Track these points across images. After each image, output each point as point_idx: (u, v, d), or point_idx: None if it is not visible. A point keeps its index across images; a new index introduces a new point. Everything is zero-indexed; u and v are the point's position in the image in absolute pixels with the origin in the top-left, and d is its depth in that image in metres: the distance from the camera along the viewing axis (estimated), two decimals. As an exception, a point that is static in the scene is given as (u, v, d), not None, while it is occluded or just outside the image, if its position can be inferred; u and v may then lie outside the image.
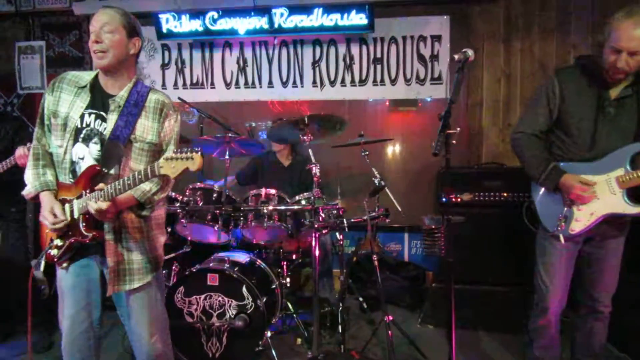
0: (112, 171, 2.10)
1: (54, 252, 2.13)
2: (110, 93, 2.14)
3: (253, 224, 3.15)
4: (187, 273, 3.05)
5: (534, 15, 4.24)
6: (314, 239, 2.99)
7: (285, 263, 3.62)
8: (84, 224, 2.08)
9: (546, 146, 2.52)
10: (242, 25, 4.21)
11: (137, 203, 2.15)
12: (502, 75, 4.32)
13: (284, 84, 4.51)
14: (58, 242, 2.13)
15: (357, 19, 4.07)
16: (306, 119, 3.07)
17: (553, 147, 2.50)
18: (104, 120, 2.11)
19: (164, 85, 4.65)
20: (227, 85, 4.56)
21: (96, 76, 2.17)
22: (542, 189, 2.48)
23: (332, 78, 4.45)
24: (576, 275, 2.54)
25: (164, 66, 4.64)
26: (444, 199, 3.79)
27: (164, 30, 4.32)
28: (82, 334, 2.18)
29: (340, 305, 3.50)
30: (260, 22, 4.17)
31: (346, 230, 3.10)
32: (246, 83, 4.55)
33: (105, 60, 2.07)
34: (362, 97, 4.44)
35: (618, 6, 3.82)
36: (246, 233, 3.29)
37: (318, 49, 4.45)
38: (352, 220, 3.15)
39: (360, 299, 3.94)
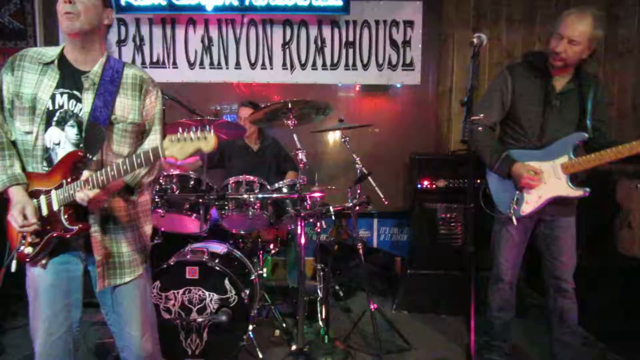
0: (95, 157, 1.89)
1: (27, 250, 1.90)
2: (81, 69, 1.91)
3: (234, 213, 2.99)
4: (164, 266, 2.85)
5: (502, 6, 4.32)
6: (299, 227, 2.90)
7: (260, 253, 3.50)
8: (66, 217, 1.85)
9: (500, 135, 2.77)
10: (210, 0, 3.95)
11: (125, 186, 1.95)
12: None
13: (252, 66, 4.31)
14: (33, 238, 1.89)
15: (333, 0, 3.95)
16: (290, 103, 2.94)
17: (506, 137, 2.74)
18: (78, 100, 1.88)
19: (120, 63, 4.29)
20: (191, 65, 4.29)
21: (62, 51, 1.92)
22: (496, 176, 2.68)
23: (303, 61, 4.31)
24: (539, 259, 2.79)
25: (120, 42, 4.28)
26: (418, 186, 3.82)
27: (123, 3, 3.97)
28: (60, 338, 1.96)
29: (319, 294, 3.45)
30: (231, -2, 3.94)
31: (333, 218, 3.02)
32: (211, 63, 4.30)
33: (76, 24, 1.81)
34: (333, 81, 4.34)
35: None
36: (225, 223, 3.11)
37: (289, 30, 4.28)
38: (334, 208, 3.07)
39: (337, 287, 3.89)
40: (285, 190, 3.14)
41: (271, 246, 3.48)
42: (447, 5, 4.29)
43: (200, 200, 2.79)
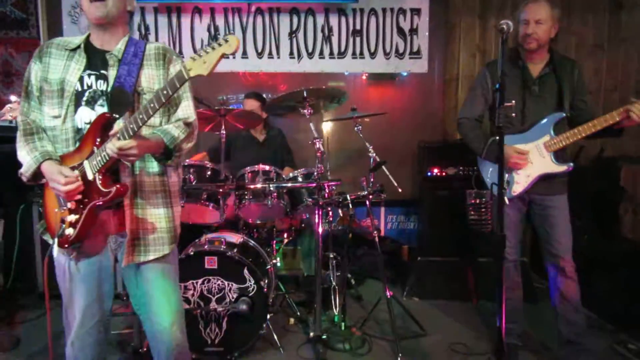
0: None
1: (68, 231, 1.87)
2: (105, 49, 1.92)
3: (252, 202, 2.99)
4: (182, 257, 2.85)
5: (508, -8, 4.33)
6: (316, 216, 2.92)
7: (274, 242, 3.51)
8: (100, 180, 1.83)
9: (490, 127, 2.91)
10: (218, -11, 3.92)
11: (164, 150, 1.90)
12: (477, 50, 4.39)
13: (259, 55, 4.29)
14: (72, 217, 1.87)
15: (342, -13, 3.93)
16: (305, 92, 2.94)
17: (493, 125, 2.84)
18: (105, 79, 1.90)
19: (125, 53, 4.24)
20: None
21: (87, 38, 1.95)
22: (486, 161, 2.83)
23: (310, 49, 4.29)
24: (537, 241, 2.91)
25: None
26: (428, 174, 3.85)
27: (129, -8, 3.91)
28: (93, 327, 1.99)
29: (333, 282, 3.47)
30: (238, -14, 3.91)
31: (350, 207, 3.04)
32: (218, 53, 4.26)
33: (104, 10, 1.84)
34: (341, 70, 4.33)
35: None
36: (242, 212, 3.11)
37: (295, 19, 4.25)
38: (350, 196, 3.09)
39: (349, 275, 3.92)
40: (300, 179, 3.15)
41: (285, 235, 3.49)
42: (453, -8, 4.30)
43: (221, 190, 2.78)
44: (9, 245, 3.71)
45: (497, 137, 2.66)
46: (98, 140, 1.82)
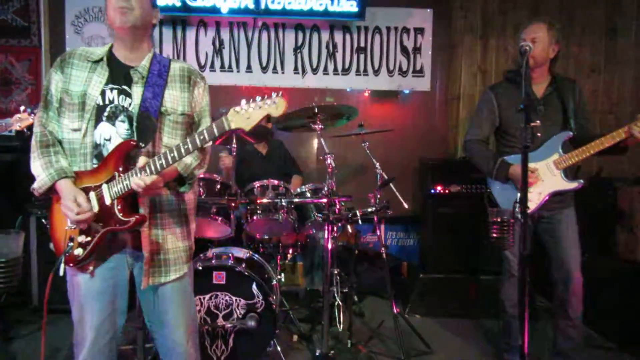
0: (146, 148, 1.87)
1: (77, 251, 1.84)
2: (130, 65, 1.90)
3: (261, 217, 2.97)
4: (190, 271, 2.80)
5: (508, 15, 4.42)
6: (326, 232, 2.90)
7: (278, 258, 3.48)
8: (119, 208, 1.81)
9: (496, 147, 3.01)
10: (226, 3, 3.93)
11: (178, 178, 1.92)
12: (478, 70, 4.46)
13: (264, 69, 4.30)
14: (83, 238, 1.84)
15: (348, 5, 3.98)
16: (316, 108, 2.95)
17: (501, 147, 2.97)
18: (127, 95, 1.88)
19: (128, 64, 4.22)
20: (201, 67, 4.25)
21: (110, 49, 1.92)
22: (497, 181, 2.86)
23: (315, 65, 4.32)
24: (545, 255, 2.88)
25: (129, 43, 4.21)
26: (432, 191, 3.88)
27: (135, 3, 3.90)
28: (106, 345, 1.94)
29: (337, 298, 3.45)
30: (246, 1, 3.92)
31: (359, 222, 3.03)
32: (222, 66, 4.27)
33: (130, 18, 1.82)
34: (345, 86, 4.36)
35: (583, 9, 4.15)
36: (250, 228, 3.09)
37: (300, 35, 4.28)
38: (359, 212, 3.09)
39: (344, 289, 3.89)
40: (309, 194, 3.14)
41: (290, 251, 3.47)
42: (455, 14, 4.37)
43: (233, 204, 2.75)
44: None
45: (506, 157, 2.79)
46: (121, 167, 1.79)
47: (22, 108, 2.63)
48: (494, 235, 2.06)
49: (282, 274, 3.43)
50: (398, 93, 4.42)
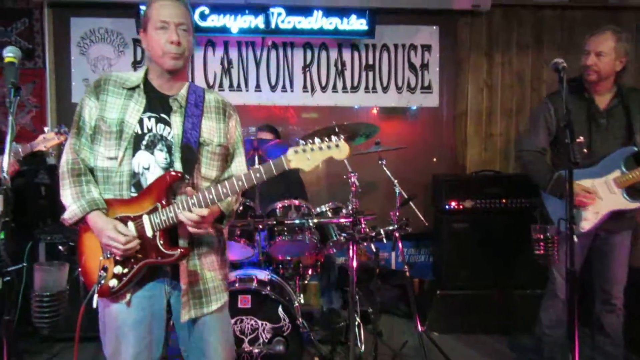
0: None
1: (112, 282, 1.78)
2: (167, 94, 1.87)
3: (286, 238, 2.92)
4: (215, 296, 2.73)
5: (513, 32, 4.49)
6: (351, 251, 2.87)
7: (297, 278, 3.42)
8: (162, 242, 1.76)
9: (551, 158, 2.88)
10: (236, 23, 3.91)
11: (220, 215, 1.89)
12: (484, 86, 4.51)
13: (273, 88, 4.29)
14: (119, 269, 1.78)
15: (358, 24, 4.00)
16: (336, 127, 2.94)
17: (556, 159, 2.85)
18: (166, 123, 1.84)
19: (135, 84, 4.17)
20: (210, 87, 4.22)
21: (145, 75, 1.88)
22: (552, 196, 2.73)
23: (324, 83, 4.32)
24: (590, 272, 2.82)
25: (136, 63, 4.17)
26: (446, 207, 3.87)
27: (145, 24, 3.87)
28: None
29: (357, 318, 3.40)
30: (256, 20, 3.91)
31: (384, 241, 3.01)
32: (231, 85, 4.25)
33: (180, 63, 1.82)
34: (354, 104, 4.37)
35: (585, 27, 4.21)
36: (272, 249, 3.03)
37: (309, 53, 4.29)
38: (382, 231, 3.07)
39: (370, 310, 3.85)
40: (330, 214, 3.11)
41: (309, 271, 3.41)
42: (461, 31, 4.42)
43: (260, 226, 2.70)
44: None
45: (563, 172, 2.57)
46: (164, 199, 1.75)
47: (46, 128, 2.56)
48: (538, 252, 2.04)
49: (302, 295, 3.37)
50: (406, 110, 4.44)
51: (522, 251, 3.79)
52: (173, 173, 1.78)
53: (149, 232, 1.76)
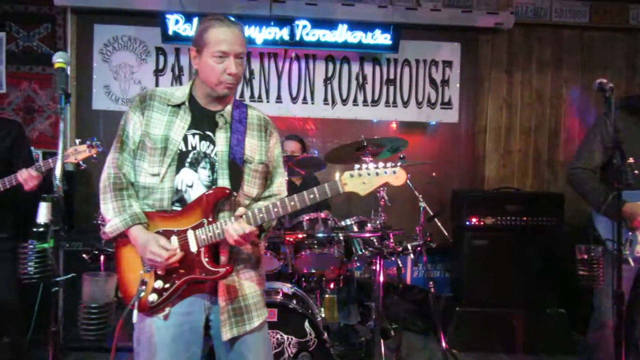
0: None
1: (151, 297, 1.74)
2: (212, 109, 1.86)
3: (314, 251, 2.89)
4: (241, 308, 2.69)
5: (533, 50, 4.51)
6: (378, 265, 2.85)
7: (318, 292, 3.39)
8: (207, 259, 1.73)
9: (602, 177, 2.72)
10: (260, 34, 3.93)
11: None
12: (503, 103, 4.52)
13: (294, 100, 4.29)
14: (159, 284, 1.75)
15: (382, 38, 4.02)
16: (365, 142, 2.94)
17: (608, 178, 2.66)
18: (209, 141, 1.82)
19: (156, 93, 4.16)
20: (231, 97, 4.21)
21: (190, 91, 1.86)
22: (605, 217, 2.59)
23: (344, 96, 4.33)
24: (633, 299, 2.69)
25: (158, 72, 4.17)
26: (467, 223, 3.85)
27: (170, 33, 3.88)
28: None
29: (375, 334, 3.36)
30: (281, 32, 3.93)
31: (411, 256, 2.98)
32: (252, 96, 4.25)
33: (232, 91, 1.83)
34: (374, 117, 4.37)
35: (603, 48, 4.18)
36: (298, 261, 3.00)
37: (331, 66, 4.30)
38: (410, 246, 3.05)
39: (389, 325, 3.80)
40: (355, 228, 3.09)
41: (331, 285, 3.38)
42: (482, 48, 4.45)
43: (290, 239, 2.68)
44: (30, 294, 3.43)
45: (618, 193, 2.40)
46: (211, 216, 1.73)
47: (77, 140, 2.54)
48: (582, 272, 2.01)
49: (323, 309, 3.32)
50: (425, 124, 4.44)
51: (543, 269, 3.79)
52: (222, 189, 1.76)
53: (193, 248, 1.74)
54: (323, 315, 3.33)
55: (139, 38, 4.12)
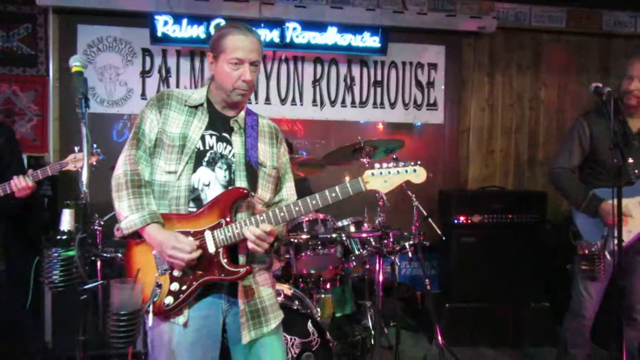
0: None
1: (168, 300, 1.73)
2: (227, 114, 1.88)
3: (315, 252, 2.92)
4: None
5: (514, 53, 4.66)
6: (378, 264, 2.90)
7: (314, 292, 3.41)
8: (225, 260, 1.74)
9: (581, 177, 2.90)
10: (250, 36, 3.91)
11: None
12: (486, 105, 4.66)
13: (282, 101, 4.30)
14: (175, 286, 1.74)
15: (371, 41, 4.08)
16: (362, 143, 2.99)
17: (589, 177, 2.87)
18: (227, 142, 1.85)
19: (143, 95, 4.10)
20: (220, 99, 4.19)
21: (207, 95, 1.89)
22: (583, 214, 2.78)
23: (333, 98, 4.37)
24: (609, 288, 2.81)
25: (145, 74, 4.10)
26: (455, 221, 3.96)
27: (159, 34, 3.82)
28: None
29: (372, 331, 3.42)
30: (271, 34, 3.93)
31: (410, 254, 3.05)
32: (240, 98, 4.23)
33: (246, 98, 1.87)
34: (362, 118, 4.42)
35: (579, 51, 4.30)
36: (300, 263, 3.02)
37: (319, 68, 4.33)
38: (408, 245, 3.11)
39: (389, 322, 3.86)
40: (352, 228, 3.13)
41: (328, 285, 3.40)
42: (465, 51, 4.56)
43: (295, 240, 2.70)
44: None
45: (596, 190, 2.69)
46: (229, 216, 1.74)
47: (76, 148, 2.49)
48: (584, 267, 2.11)
49: (319, 309, 3.35)
50: (411, 125, 4.53)
51: (528, 265, 3.93)
52: (240, 189, 1.77)
53: (211, 248, 1.74)
54: (320, 314, 3.37)
55: (124, 39, 4.05)
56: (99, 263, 2.85)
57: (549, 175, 2.97)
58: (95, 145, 2.49)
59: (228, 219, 1.74)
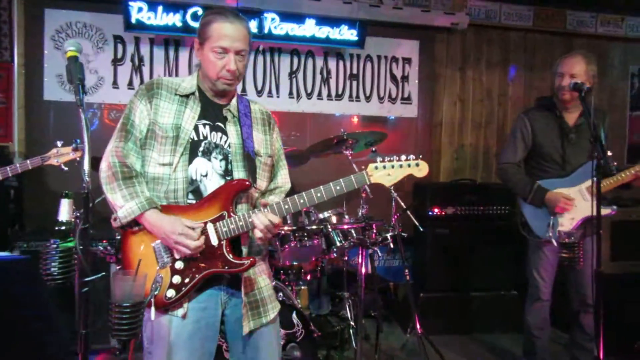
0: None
1: (170, 293, 1.71)
2: (218, 103, 1.85)
3: (298, 244, 2.93)
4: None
5: (483, 50, 4.80)
6: (361, 256, 2.94)
7: (294, 284, 3.43)
8: (228, 250, 1.72)
9: (526, 170, 3.09)
10: (228, 26, 3.85)
11: None
12: (457, 99, 4.78)
13: (259, 93, 4.27)
14: (177, 279, 1.72)
15: (348, 34, 4.10)
16: (345, 135, 3.02)
17: (533, 170, 3.07)
18: (221, 132, 1.82)
19: (115, 84, 3.97)
20: (195, 89, 4.11)
21: (197, 83, 1.84)
22: (530, 205, 2.96)
23: (309, 90, 4.37)
24: (566, 278, 3.05)
25: (117, 62, 3.97)
26: (429, 213, 4.06)
27: (133, 21, 3.70)
28: None
29: (351, 322, 3.47)
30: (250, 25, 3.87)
31: (391, 246, 3.10)
32: (216, 89, 4.16)
33: (233, 86, 1.82)
34: (338, 111, 4.45)
35: (545, 49, 4.51)
36: (284, 255, 3.03)
37: (296, 60, 4.32)
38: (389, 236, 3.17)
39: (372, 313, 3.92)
40: (334, 220, 3.16)
41: (309, 277, 3.43)
42: (438, 46, 4.66)
43: (283, 232, 2.69)
44: None
45: (541, 182, 2.90)
46: (232, 208, 1.73)
47: (59, 142, 2.39)
48: (564, 255, 2.22)
49: (299, 300, 3.37)
50: (386, 119, 4.59)
51: (498, 255, 4.08)
52: (242, 181, 1.76)
53: (214, 241, 1.72)
54: (300, 306, 3.39)
55: (95, 25, 3.90)
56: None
57: (497, 171, 3.16)
58: (78, 140, 2.40)
59: (231, 211, 1.73)
